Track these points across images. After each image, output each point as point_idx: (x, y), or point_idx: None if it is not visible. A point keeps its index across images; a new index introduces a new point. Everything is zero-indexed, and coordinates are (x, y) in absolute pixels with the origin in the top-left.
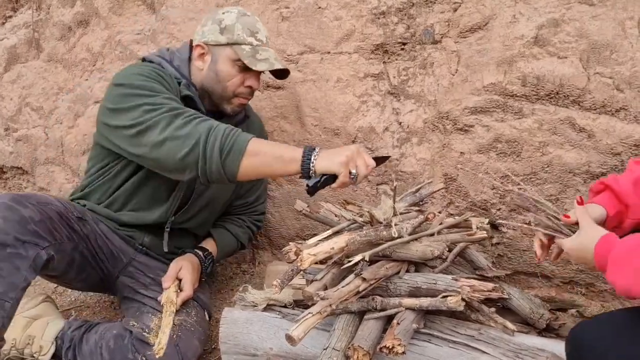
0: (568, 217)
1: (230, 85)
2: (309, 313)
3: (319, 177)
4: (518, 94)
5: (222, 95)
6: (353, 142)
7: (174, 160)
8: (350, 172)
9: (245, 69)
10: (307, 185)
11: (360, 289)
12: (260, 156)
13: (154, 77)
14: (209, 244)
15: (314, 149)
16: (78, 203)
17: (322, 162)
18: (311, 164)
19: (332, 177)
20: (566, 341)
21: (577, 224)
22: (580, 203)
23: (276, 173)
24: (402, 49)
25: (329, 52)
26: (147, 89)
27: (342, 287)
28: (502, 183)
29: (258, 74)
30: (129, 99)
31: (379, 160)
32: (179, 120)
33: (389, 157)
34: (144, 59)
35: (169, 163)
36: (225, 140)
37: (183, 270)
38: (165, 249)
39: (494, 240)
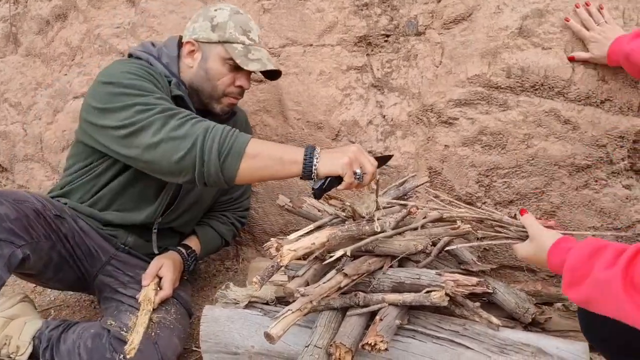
0: (524, 211)
1: (220, 84)
2: (289, 310)
3: (323, 180)
4: (502, 86)
5: (211, 94)
6: (337, 135)
7: (169, 162)
8: (355, 173)
9: (236, 68)
10: (313, 189)
11: (342, 284)
12: (260, 158)
13: (144, 75)
14: (193, 242)
15: (315, 149)
16: (58, 201)
17: (325, 165)
18: (313, 167)
19: (337, 179)
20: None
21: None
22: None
23: (276, 175)
24: (386, 41)
25: (311, 45)
26: (138, 88)
27: (323, 283)
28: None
29: (249, 73)
30: (119, 98)
31: (382, 159)
32: (174, 121)
33: (392, 156)
34: (130, 55)
35: (164, 165)
36: (224, 141)
37: (164, 268)
38: (156, 251)
39: (480, 235)
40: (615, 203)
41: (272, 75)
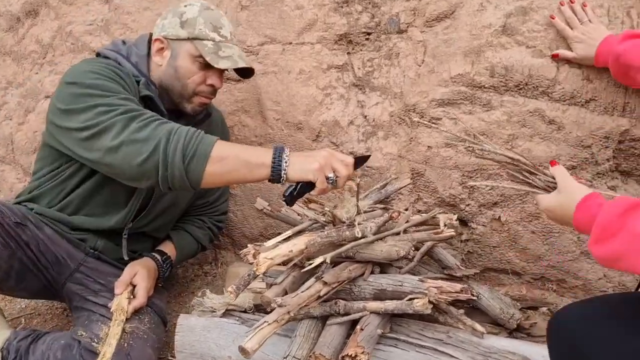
0: (555, 162)
1: (190, 83)
2: (265, 322)
3: (294, 185)
4: (486, 85)
5: (181, 94)
6: (317, 136)
7: (130, 166)
8: (327, 178)
9: (206, 66)
10: (284, 196)
11: (322, 293)
12: (226, 161)
13: (109, 75)
14: (168, 247)
15: (284, 150)
16: (25, 206)
17: (295, 171)
18: (282, 171)
19: (309, 185)
20: (548, 324)
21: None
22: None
23: (244, 179)
24: (367, 39)
25: (290, 43)
26: (102, 88)
27: (302, 292)
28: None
29: (221, 72)
30: (82, 99)
31: (359, 160)
32: (136, 124)
33: (369, 156)
34: (98, 54)
35: (125, 170)
36: (188, 144)
37: (138, 276)
38: (126, 257)
39: (464, 237)
40: None
41: (246, 73)
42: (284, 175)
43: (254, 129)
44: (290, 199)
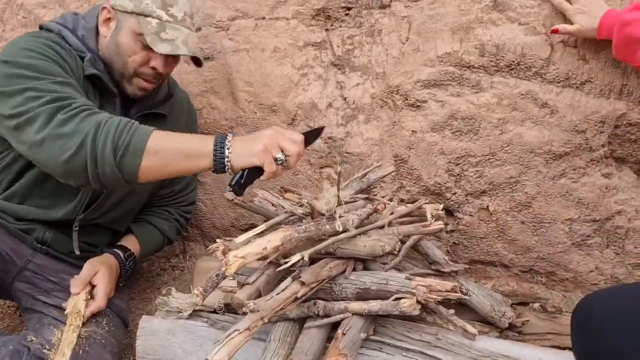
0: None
1: (130, 62)
2: (235, 330)
3: (240, 172)
4: (475, 65)
5: (121, 72)
6: (293, 119)
7: (56, 164)
8: (275, 159)
9: (149, 47)
10: (230, 185)
11: (299, 295)
12: (163, 153)
13: (47, 53)
14: (130, 242)
15: (226, 138)
16: None
17: (239, 157)
18: (225, 159)
19: (257, 170)
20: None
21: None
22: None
23: (185, 171)
24: (347, 15)
25: (263, 18)
26: (36, 69)
27: (277, 294)
28: None
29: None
30: (13, 81)
31: (310, 134)
32: (61, 115)
33: (323, 127)
34: (41, 27)
35: (50, 167)
36: (120, 136)
37: (99, 275)
38: (77, 252)
39: (449, 228)
40: (594, 193)
41: (200, 62)
42: (228, 164)
43: (224, 111)
44: (238, 188)
